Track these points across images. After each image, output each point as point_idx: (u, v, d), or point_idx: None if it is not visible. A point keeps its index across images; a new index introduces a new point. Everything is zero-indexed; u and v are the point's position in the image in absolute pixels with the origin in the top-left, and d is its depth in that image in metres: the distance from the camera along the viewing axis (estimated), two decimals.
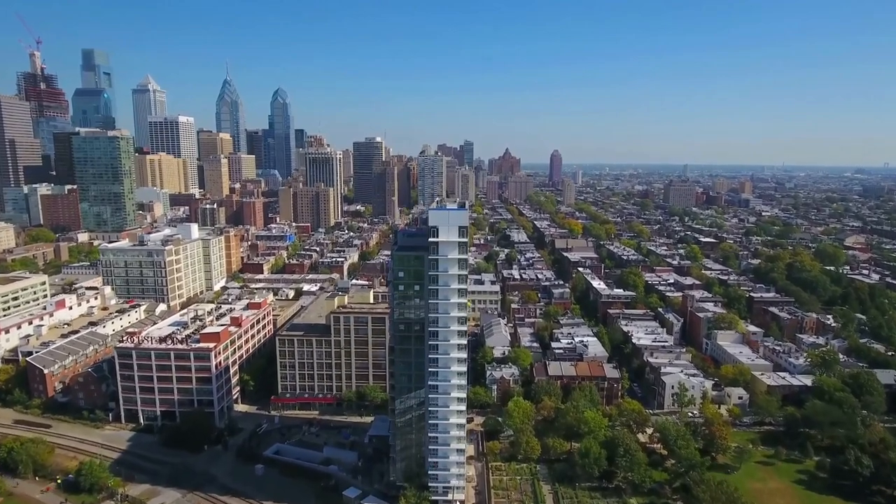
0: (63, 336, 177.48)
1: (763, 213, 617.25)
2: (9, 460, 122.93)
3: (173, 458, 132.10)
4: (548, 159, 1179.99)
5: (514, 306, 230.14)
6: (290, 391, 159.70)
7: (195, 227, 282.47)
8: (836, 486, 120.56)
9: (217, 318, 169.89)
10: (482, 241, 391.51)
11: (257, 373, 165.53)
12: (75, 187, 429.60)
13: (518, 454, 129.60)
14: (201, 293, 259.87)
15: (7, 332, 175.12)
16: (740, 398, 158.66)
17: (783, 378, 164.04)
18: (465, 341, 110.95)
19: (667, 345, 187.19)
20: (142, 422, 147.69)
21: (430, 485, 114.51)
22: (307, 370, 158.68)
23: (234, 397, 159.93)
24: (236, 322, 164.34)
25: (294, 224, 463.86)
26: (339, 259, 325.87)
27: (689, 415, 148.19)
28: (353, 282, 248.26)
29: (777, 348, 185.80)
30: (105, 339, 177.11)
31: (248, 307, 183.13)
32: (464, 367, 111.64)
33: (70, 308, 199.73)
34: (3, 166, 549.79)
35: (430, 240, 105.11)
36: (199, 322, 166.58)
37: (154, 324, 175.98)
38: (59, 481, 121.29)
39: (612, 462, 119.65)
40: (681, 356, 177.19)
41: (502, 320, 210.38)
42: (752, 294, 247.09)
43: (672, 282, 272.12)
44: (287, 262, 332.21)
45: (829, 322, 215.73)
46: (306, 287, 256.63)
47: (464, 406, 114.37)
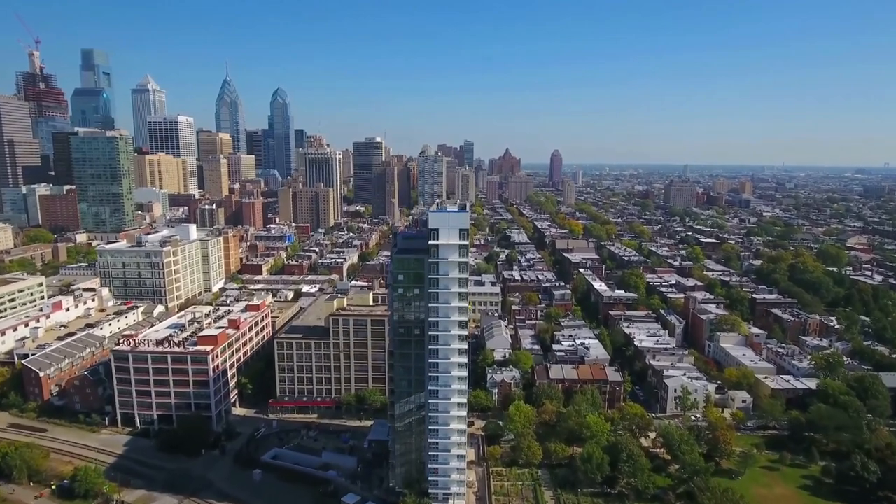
0: (59, 338, 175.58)
1: (764, 214, 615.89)
2: (3, 466, 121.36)
3: (170, 462, 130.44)
4: (548, 159, 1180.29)
5: (514, 308, 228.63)
6: (289, 394, 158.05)
7: (193, 227, 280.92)
8: (842, 492, 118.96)
9: (215, 321, 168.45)
10: (482, 242, 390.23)
11: (255, 376, 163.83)
12: (74, 188, 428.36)
13: (519, 459, 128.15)
14: (199, 294, 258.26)
15: (3, 334, 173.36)
16: (744, 402, 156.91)
17: (787, 381, 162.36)
18: (465, 345, 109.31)
19: (669, 347, 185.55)
20: (138, 426, 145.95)
21: (430, 491, 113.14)
22: (306, 373, 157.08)
23: (232, 401, 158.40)
24: (234, 324, 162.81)
25: (293, 224, 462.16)
26: (338, 260, 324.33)
27: (693, 419, 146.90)
28: (353, 283, 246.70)
29: (780, 351, 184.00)
30: (102, 341, 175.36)
31: (246, 309, 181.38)
32: (464, 371, 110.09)
33: (67, 310, 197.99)
34: (1, 166, 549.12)
35: (431, 242, 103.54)
36: (196, 324, 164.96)
37: (151, 326, 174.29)
38: (53, 487, 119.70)
39: (614, 467, 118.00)
40: (683, 359, 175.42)
41: (503, 322, 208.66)
42: (754, 295, 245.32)
43: (674, 283, 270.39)
44: (286, 262, 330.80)
45: (832, 324, 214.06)
46: (305, 288, 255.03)
47: (464, 410, 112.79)
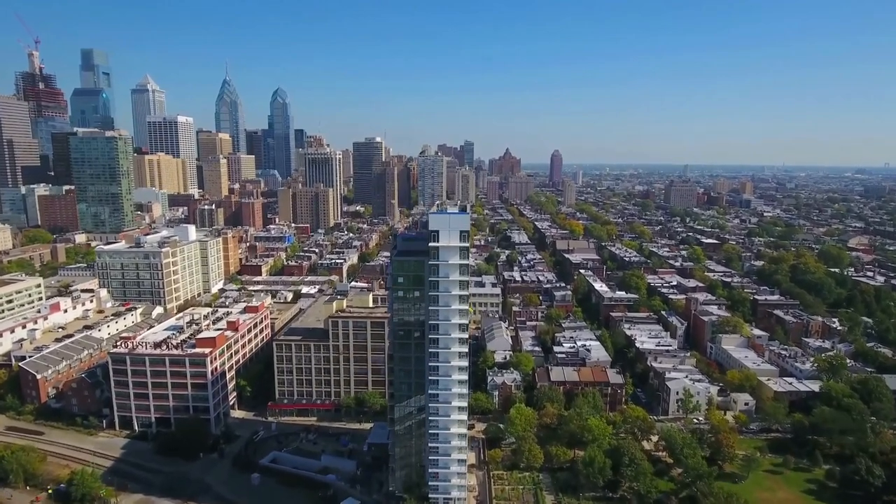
0: (57, 340, 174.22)
1: (765, 214, 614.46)
2: None
3: (168, 466, 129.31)
4: (548, 159, 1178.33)
5: (515, 309, 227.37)
6: (288, 397, 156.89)
7: (192, 228, 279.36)
8: (847, 496, 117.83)
9: (213, 322, 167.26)
10: (483, 243, 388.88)
11: (254, 378, 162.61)
12: (73, 188, 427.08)
13: (520, 462, 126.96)
14: (198, 295, 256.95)
15: (0, 336, 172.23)
16: (746, 404, 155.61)
17: (790, 383, 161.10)
18: (466, 348, 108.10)
19: (671, 349, 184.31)
20: (136, 429, 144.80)
21: (430, 495, 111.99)
22: (305, 375, 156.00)
23: (231, 403, 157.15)
24: (233, 326, 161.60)
25: (293, 225, 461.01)
26: (338, 261, 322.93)
27: (695, 421, 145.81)
28: (353, 284, 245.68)
29: (783, 352, 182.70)
30: (100, 343, 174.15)
31: (245, 310, 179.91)
32: (465, 374, 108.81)
33: (65, 311, 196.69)
34: (0, 166, 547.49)
35: (431, 244, 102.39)
36: (195, 326, 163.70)
37: (150, 327, 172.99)
38: (50, 491, 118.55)
39: (616, 471, 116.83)
40: (685, 361, 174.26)
41: (503, 323, 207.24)
42: (756, 297, 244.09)
43: (675, 284, 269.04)
44: (286, 263, 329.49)
45: (834, 325, 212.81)
46: (305, 289, 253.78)
47: (465, 414, 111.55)
